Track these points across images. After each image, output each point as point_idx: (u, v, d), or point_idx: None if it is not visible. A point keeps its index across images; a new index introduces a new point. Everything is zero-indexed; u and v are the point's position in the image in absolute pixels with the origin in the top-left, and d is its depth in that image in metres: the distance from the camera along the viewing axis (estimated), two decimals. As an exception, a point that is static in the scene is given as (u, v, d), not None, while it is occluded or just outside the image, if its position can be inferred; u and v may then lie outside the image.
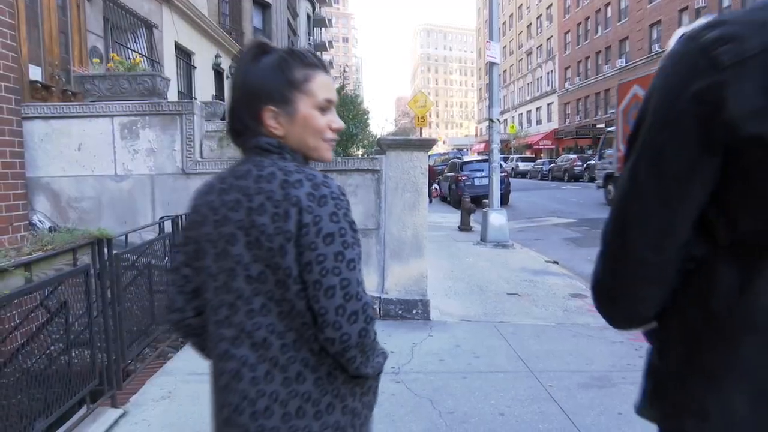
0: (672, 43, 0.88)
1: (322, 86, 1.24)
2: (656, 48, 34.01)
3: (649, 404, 0.96)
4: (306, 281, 1.12)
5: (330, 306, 1.11)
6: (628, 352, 4.43)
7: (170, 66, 12.69)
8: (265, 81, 1.21)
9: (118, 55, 6.32)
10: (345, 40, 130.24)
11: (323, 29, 47.95)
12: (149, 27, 11.66)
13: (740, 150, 0.77)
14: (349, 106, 27.38)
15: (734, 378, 0.83)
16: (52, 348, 3.12)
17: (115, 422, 3.28)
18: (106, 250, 3.47)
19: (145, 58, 10.91)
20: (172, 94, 12.02)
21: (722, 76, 0.76)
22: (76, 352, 3.22)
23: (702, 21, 0.84)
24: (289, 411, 1.15)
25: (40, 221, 5.16)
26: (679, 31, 0.89)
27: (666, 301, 0.92)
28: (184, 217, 4.91)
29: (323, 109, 1.24)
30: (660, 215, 0.85)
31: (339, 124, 1.28)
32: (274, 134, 1.21)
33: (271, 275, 1.14)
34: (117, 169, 5.39)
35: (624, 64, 37.91)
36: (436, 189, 9.10)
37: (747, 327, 0.82)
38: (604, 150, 18.00)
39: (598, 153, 19.44)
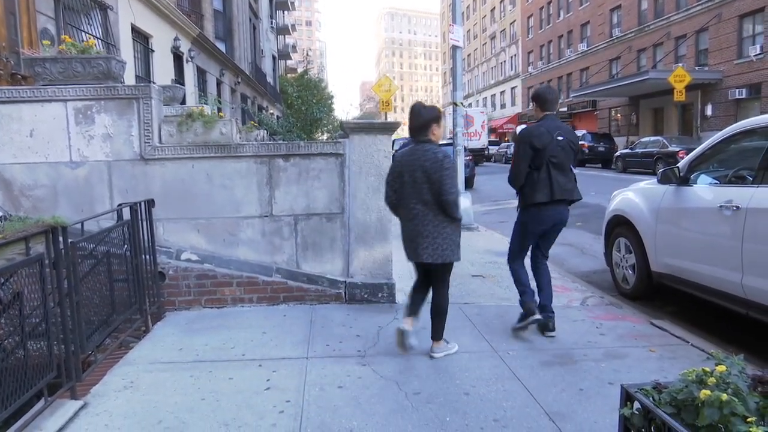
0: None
1: (442, 119, 4.03)
2: (616, 32, 34.51)
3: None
4: (439, 184, 3.75)
5: (446, 190, 3.76)
6: (589, 329, 4.54)
7: (127, 49, 12.29)
8: (431, 116, 3.90)
9: (70, 38, 6.06)
10: (308, 23, 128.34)
11: (286, 12, 47.18)
12: (104, 8, 11.27)
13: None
14: (313, 91, 27.04)
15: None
16: (7, 341, 3.01)
17: (75, 414, 3.21)
18: (61, 239, 3.36)
19: (99, 40, 10.54)
20: (130, 79, 11.67)
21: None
22: (33, 344, 3.12)
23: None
24: (437, 232, 3.82)
25: (-9, 210, 4.96)
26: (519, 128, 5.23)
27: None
28: (143, 204, 4.79)
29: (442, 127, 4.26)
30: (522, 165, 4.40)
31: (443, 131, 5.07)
32: (435, 134, 3.90)
33: (430, 183, 3.75)
34: (72, 156, 5.20)
35: (585, 49, 38.43)
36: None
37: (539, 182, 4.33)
38: None
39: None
